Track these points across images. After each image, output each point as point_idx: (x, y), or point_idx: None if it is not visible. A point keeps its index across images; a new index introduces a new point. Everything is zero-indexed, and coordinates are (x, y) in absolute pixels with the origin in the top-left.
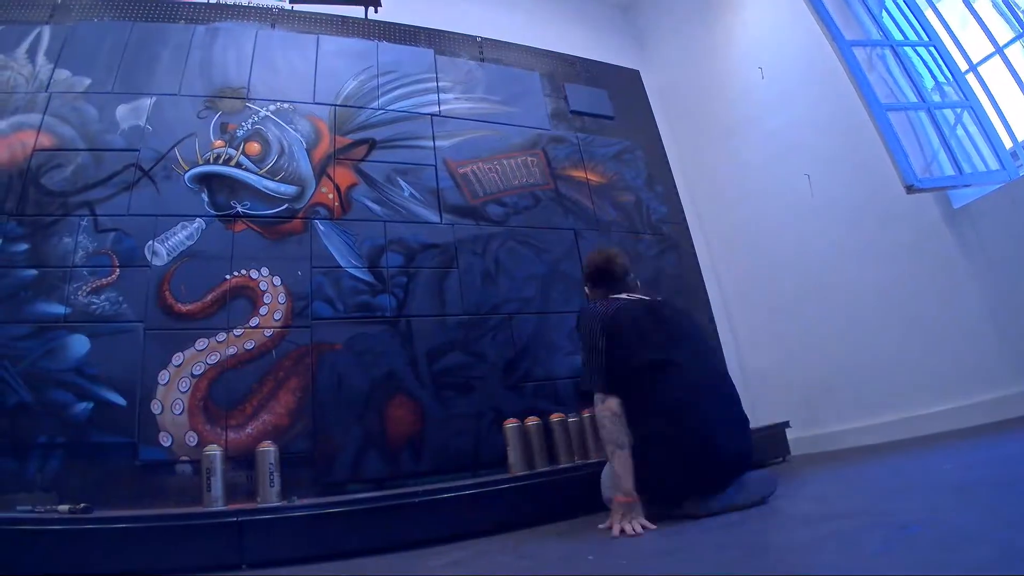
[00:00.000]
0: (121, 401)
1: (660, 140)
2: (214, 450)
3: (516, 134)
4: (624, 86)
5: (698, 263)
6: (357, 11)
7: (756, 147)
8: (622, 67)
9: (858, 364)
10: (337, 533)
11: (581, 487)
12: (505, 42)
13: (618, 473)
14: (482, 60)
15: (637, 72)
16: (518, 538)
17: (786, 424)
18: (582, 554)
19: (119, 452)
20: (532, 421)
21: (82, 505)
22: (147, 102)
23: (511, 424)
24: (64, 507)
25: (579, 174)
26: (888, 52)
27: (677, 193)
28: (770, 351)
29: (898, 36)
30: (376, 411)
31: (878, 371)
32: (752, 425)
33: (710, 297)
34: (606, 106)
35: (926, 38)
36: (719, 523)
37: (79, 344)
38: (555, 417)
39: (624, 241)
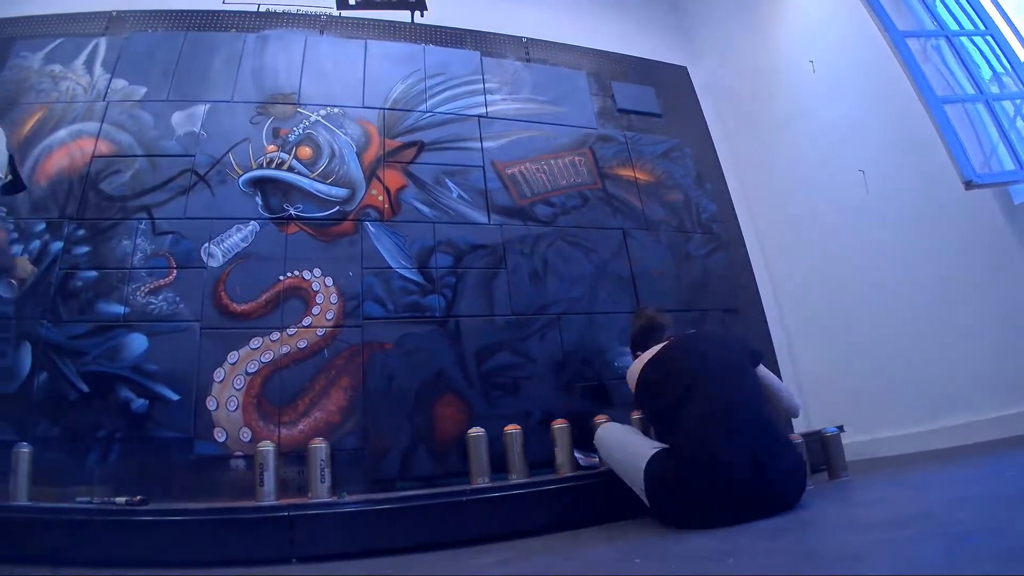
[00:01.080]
0: (178, 397)
1: (709, 137)
2: (267, 446)
3: (563, 134)
4: (671, 83)
5: (749, 262)
6: (403, 15)
7: (808, 142)
8: (669, 64)
9: (915, 366)
10: (385, 530)
11: (630, 489)
12: (551, 42)
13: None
14: (528, 60)
15: (684, 68)
16: (565, 539)
17: (840, 429)
18: (629, 557)
19: (175, 447)
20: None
21: (139, 497)
22: (201, 109)
23: (559, 425)
24: (121, 499)
25: (627, 173)
26: (943, 42)
27: (727, 191)
28: (823, 353)
29: (953, 26)
30: (425, 410)
31: (935, 373)
32: (804, 430)
33: (762, 297)
34: (653, 104)
35: (983, 27)
36: (770, 528)
37: (138, 342)
38: (599, 419)
39: (673, 240)
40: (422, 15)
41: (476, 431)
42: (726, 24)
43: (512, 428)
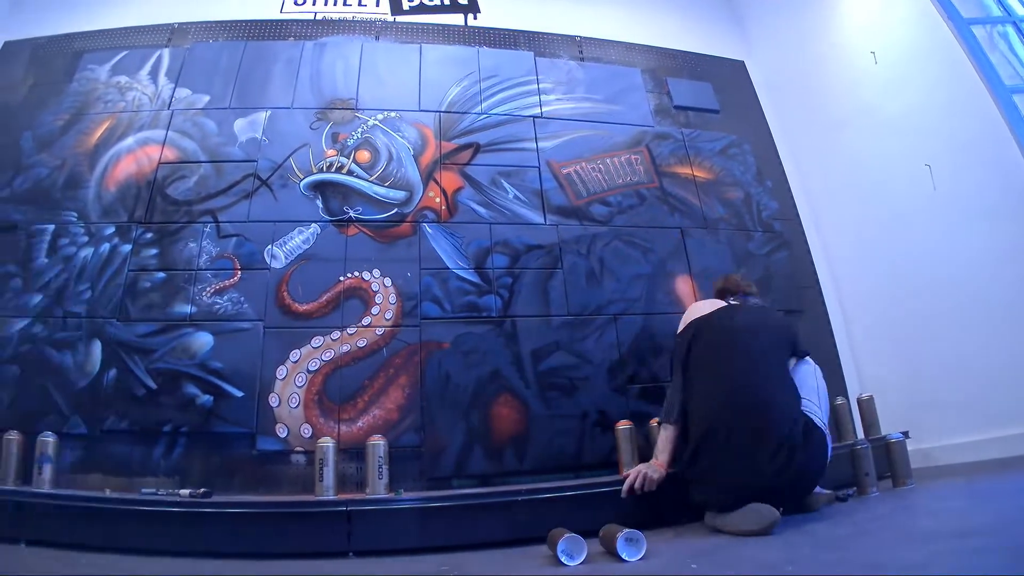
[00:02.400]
0: (241, 394)
1: (769, 133)
2: (327, 442)
3: (619, 132)
4: (729, 78)
5: (812, 261)
6: (457, 19)
7: (871, 136)
8: (726, 58)
9: (985, 370)
10: (441, 527)
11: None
12: (604, 40)
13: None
14: (582, 59)
15: (742, 63)
16: None
17: (904, 435)
18: (686, 562)
19: (238, 441)
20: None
21: (202, 490)
22: (262, 116)
23: (623, 426)
24: (185, 491)
25: (685, 171)
26: (1010, 29)
27: (789, 187)
28: (888, 356)
29: (1021, 11)
30: (481, 409)
31: (1006, 379)
32: (868, 435)
33: (825, 298)
34: (711, 100)
35: None
36: (831, 536)
37: (204, 341)
38: (655, 422)
39: (733, 239)
40: (475, 18)
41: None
42: (783, 16)
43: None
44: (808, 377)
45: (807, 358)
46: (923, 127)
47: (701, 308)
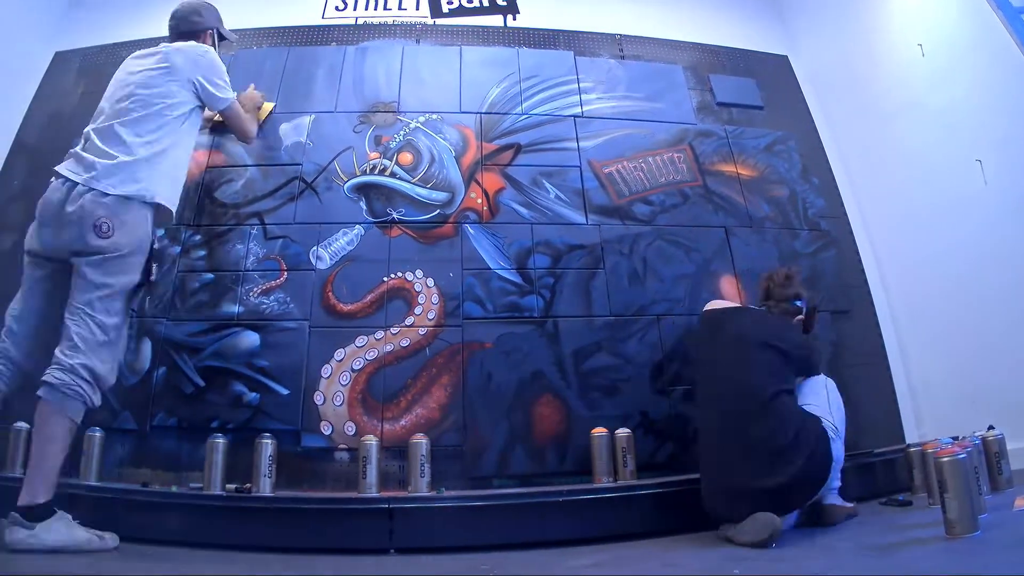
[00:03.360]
0: (287, 392)
1: (814, 128)
2: (371, 440)
3: (661, 130)
4: (773, 73)
5: (860, 260)
6: (496, 20)
7: (920, 131)
8: (769, 53)
9: None
10: (482, 526)
11: None
12: (645, 37)
13: None
14: (622, 57)
15: (785, 58)
16: (663, 545)
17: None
18: (728, 567)
19: (283, 438)
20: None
21: (248, 485)
22: (306, 120)
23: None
24: (231, 486)
25: (729, 168)
26: None
27: (835, 185)
28: (939, 358)
29: None
30: (523, 409)
31: None
32: (915, 439)
33: (873, 298)
34: (754, 96)
35: None
36: (878, 546)
37: (250, 339)
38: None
39: (779, 238)
40: (514, 18)
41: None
42: (827, 9)
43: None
44: (817, 387)
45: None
46: (973, 120)
47: (710, 307)
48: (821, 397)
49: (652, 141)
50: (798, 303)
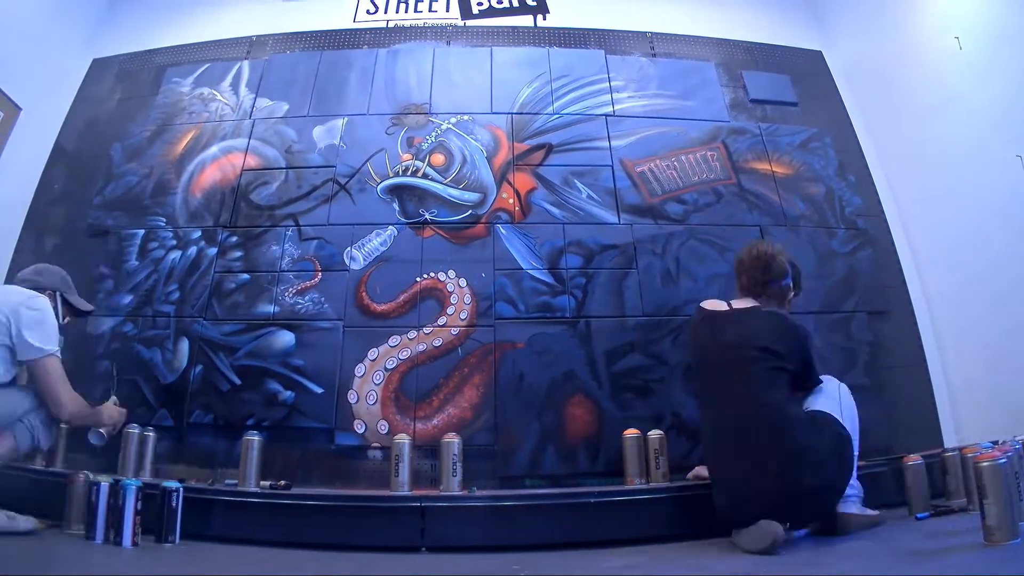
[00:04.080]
0: (321, 390)
1: (850, 125)
2: (403, 439)
3: (693, 128)
4: (806, 69)
5: (898, 259)
6: (526, 20)
7: (958, 127)
8: (802, 48)
9: None
10: (513, 525)
11: None
12: (676, 35)
13: None
14: (654, 55)
15: (819, 53)
16: (695, 547)
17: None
18: (762, 571)
19: (318, 436)
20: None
21: (282, 482)
22: (340, 122)
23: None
24: (266, 483)
25: (763, 166)
26: None
27: (872, 182)
28: (980, 361)
29: None
30: (555, 409)
31: None
32: (955, 444)
33: (912, 298)
34: (788, 92)
35: None
36: (914, 551)
37: (286, 339)
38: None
39: (815, 237)
40: (544, 18)
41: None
42: (861, 2)
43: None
44: (831, 392)
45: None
46: (1013, 115)
47: (703, 309)
48: (834, 402)
49: (685, 139)
50: (787, 281)
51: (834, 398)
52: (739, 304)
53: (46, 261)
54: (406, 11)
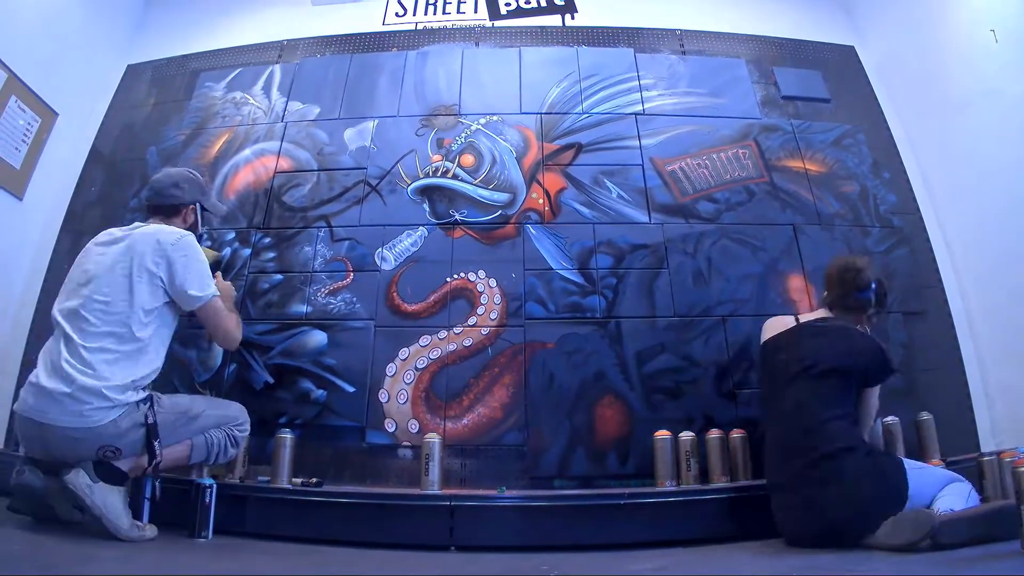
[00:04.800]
0: (353, 389)
1: (884, 121)
2: (433, 438)
3: (725, 126)
4: (839, 64)
5: (934, 259)
6: (555, 20)
7: (996, 121)
8: (834, 44)
9: None
10: (542, 526)
11: None
12: (706, 32)
13: None
14: (683, 53)
15: (851, 48)
16: (726, 551)
17: None
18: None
19: (349, 435)
20: (737, 433)
21: (314, 480)
22: (370, 124)
23: (713, 435)
24: (298, 480)
25: (796, 164)
26: None
27: (908, 180)
28: (1018, 364)
29: None
30: (585, 410)
31: None
32: (991, 448)
33: (948, 299)
34: (820, 88)
35: None
36: (949, 558)
37: (318, 338)
38: (735, 433)
39: (849, 236)
40: (572, 18)
41: (662, 434)
42: None
43: (663, 434)
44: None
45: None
46: None
47: (772, 327)
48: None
49: (716, 137)
50: (867, 294)
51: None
52: (808, 317)
53: None
54: (435, 13)
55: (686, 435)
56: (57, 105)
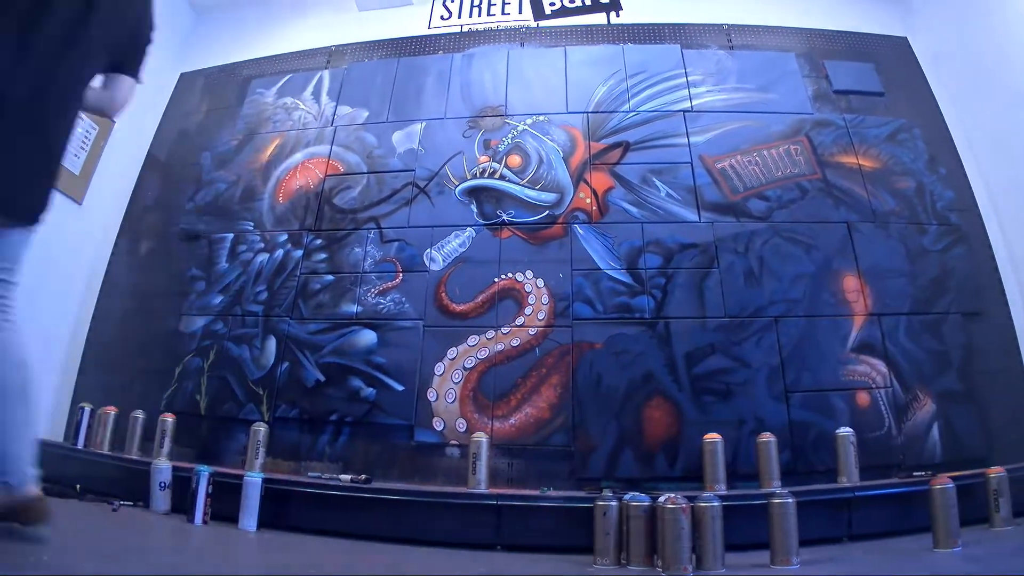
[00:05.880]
0: (402, 388)
1: (940, 114)
2: (481, 437)
3: (775, 122)
4: (892, 57)
5: (993, 257)
6: (600, 18)
7: None
8: (887, 35)
9: None
10: (585, 528)
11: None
12: (754, 26)
13: None
14: (731, 48)
15: (905, 39)
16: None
17: None
18: None
19: (398, 433)
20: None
21: (363, 476)
22: (418, 127)
23: (765, 439)
24: (347, 476)
25: (849, 160)
26: None
27: (965, 175)
28: None
29: None
30: (633, 411)
31: None
32: None
33: (1008, 299)
34: (873, 81)
35: None
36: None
37: (368, 338)
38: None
39: (905, 234)
40: (617, 15)
41: (712, 437)
42: None
43: (712, 437)
44: None
45: None
46: None
47: None
48: None
49: (766, 133)
50: None
51: None
52: None
53: (141, 264)
54: (479, 15)
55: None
56: None
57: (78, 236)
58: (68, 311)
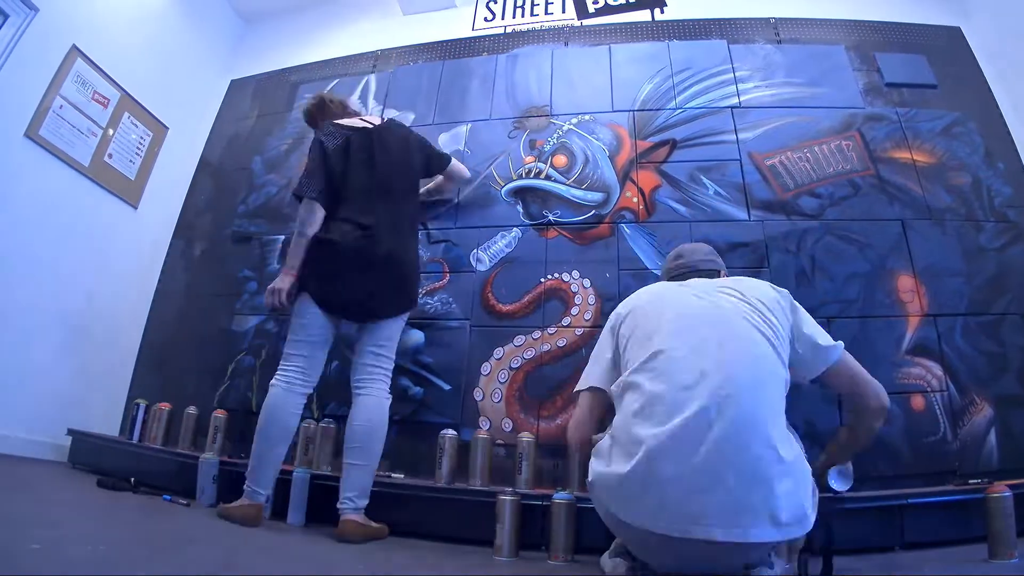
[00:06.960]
0: (449, 387)
1: (996, 107)
2: (527, 437)
3: (826, 117)
4: (945, 48)
5: None
6: (644, 15)
7: None
8: (939, 26)
9: None
10: None
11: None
12: (802, 19)
13: None
14: (779, 42)
15: (958, 29)
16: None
17: None
18: None
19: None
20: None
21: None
22: (463, 129)
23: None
24: (399, 475)
25: (903, 155)
26: None
27: (1023, 169)
28: None
29: None
30: None
31: None
32: None
33: None
34: (927, 74)
35: None
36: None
37: (416, 337)
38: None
39: (962, 231)
40: (662, 12)
41: None
42: None
43: None
44: None
45: None
46: None
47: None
48: None
49: (817, 129)
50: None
51: None
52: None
53: (195, 266)
54: (523, 16)
55: None
56: (167, 119)
57: (134, 239)
58: (124, 311)
